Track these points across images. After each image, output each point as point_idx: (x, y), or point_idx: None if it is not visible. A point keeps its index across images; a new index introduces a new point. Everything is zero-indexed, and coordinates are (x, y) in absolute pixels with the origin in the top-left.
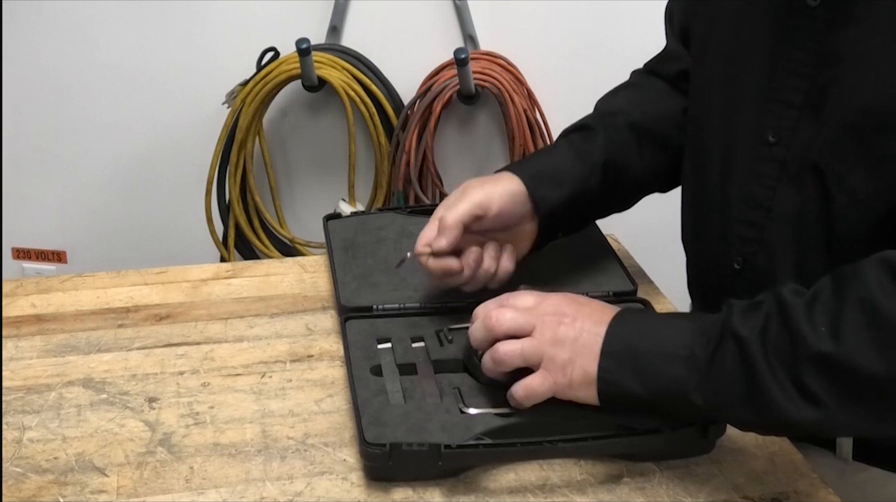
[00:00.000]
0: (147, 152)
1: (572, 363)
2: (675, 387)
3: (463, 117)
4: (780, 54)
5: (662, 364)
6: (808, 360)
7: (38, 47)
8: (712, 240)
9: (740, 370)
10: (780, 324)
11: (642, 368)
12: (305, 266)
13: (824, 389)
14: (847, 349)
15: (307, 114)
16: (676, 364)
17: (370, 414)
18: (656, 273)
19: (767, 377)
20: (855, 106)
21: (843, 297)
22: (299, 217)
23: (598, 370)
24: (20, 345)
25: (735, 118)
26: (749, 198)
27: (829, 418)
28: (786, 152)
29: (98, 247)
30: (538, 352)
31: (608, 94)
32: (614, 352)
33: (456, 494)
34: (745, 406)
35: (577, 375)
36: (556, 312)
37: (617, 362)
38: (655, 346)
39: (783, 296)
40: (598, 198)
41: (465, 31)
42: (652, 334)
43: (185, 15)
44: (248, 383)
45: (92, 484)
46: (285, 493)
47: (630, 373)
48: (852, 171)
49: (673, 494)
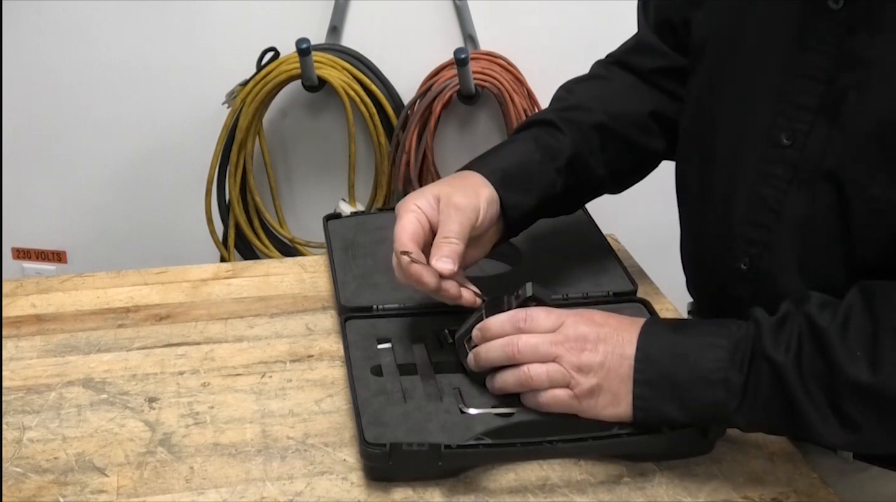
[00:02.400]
0: (147, 152)
1: (600, 388)
2: (716, 411)
3: (463, 117)
4: (797, 55)
5: (701, 390)
6: (846, 388)
7: (38, 47)
8: (715, 240)
9: (777, 395)
10: (815, 349)
11: (681, 395)
12: (305, 266)
13: (863, 416)
14: (886, 378)
15: (307, 114)
16: (715, 388)
17: (370, 414)
18: (656, 273)
19: (805, 402)
20: (879, 114)
21: (877, 319)
22: (299, 217)
23: (634, 398)
24: (20, 345)
25: (746, 117)
26: (758, 199)
27: (865, 440)
28: (798, 155)
29: (98, 247)
30: (564, 378)
31: (570, 83)
32: (649, 380)
33: (456, 494)
34: (785, 426)
35: (605, 400)
36: (577, 337)
37: (653, 390)
38: (692, 372)
39: (813, 316)
40: (559, 201)
41: (465, 31)
42: (685, 357)
43: (185, 15)
44: (248, 383)
45: (92, 484)
46: (285, 493)
47: (668, 400)
48: (875, 180)
49: (673, 494)
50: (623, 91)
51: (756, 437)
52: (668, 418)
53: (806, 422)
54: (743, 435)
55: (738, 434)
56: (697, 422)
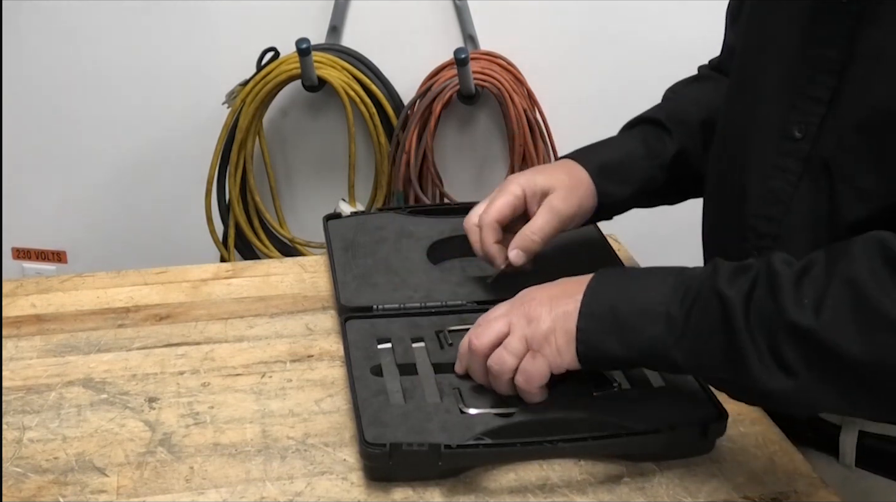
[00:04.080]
0: (147, 152)
1: (553, 331)
2: (654, 345)
3: (463, 117)
4: (809, 49)
5: (641, 321)
6: (787, 330)
7: (39, 47)
8: (730, 235)
9: (719, 330)
10: (766, 291)
11: (621, 327)
12: (305, 266)
13: (800, 361)
14: (827, 326)
15: (307, 114)
16: (655, 321)
17: (370, 414)
18: None
19: (746, 340)
20: (866, 103)
21: (831, 274)
22: (299, 217)
23: (577, 331)
24: (20, 345)
25: (758, 111)
26: (769, 192)
27: (799, 390)
28: (810, 148)
29: (98, 247)
30: (520, 339)
31: (679, 85)
32: (592, 312)
33: (456, 494)
34: (722, 366)
35: (561, 341)
36: (523, 299)
37: (595, 321)
38: (633, 304)
39: (773, 263)
40: (659, 194)
41: (465, 31)
42: (629, 290)
43: (185, 15)
44: (248, 383)
45: (92, 484)
46: (285, 493)
47: (609, 333)
48: (860, 169)
49: (673, 494)
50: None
51: (756, 437)
52: (609, 354)
53: (744, 364)
54: (743, 435)
55: (739, 434)
56: (638, 361)
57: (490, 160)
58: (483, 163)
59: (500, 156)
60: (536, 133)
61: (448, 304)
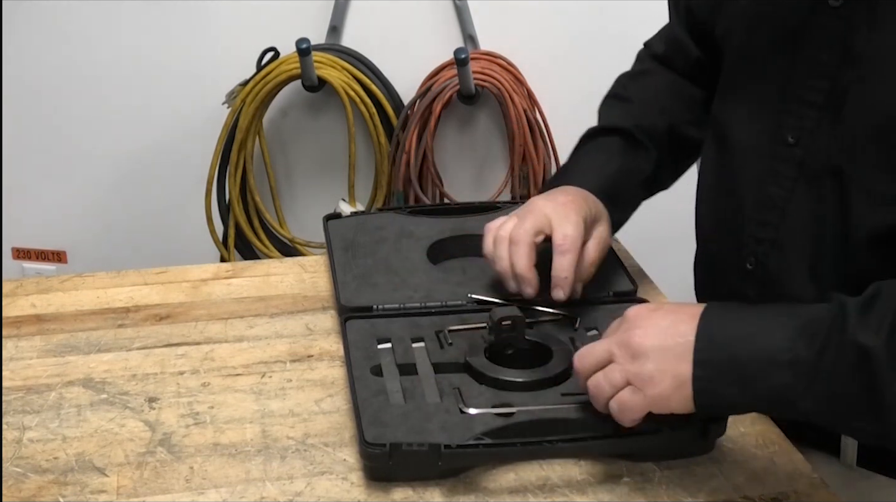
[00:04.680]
0: (147, 152)
1: (661, 373)
2: (782, 393)
3: (463, 117)
4: (802, 54)
5: (765, 370)
6: None
7: (38, 47)
8: (724, 239)
9: (858, 379)
10: None
11: (743, 376)
12: (305, 266)
13: None
14: None
15: (307, 114)
16: (781, 369)
17: (370, 414)
18: (656, 273)
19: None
20: (878, 109)
21: None
22: (299, 217)
23: (694, 380)
24: (20, 345)
25: (753, 117)
26: (765, 198)
27: None
28: (804, 153)
29: (98, 247)
30: (621, 372)
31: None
32: (710, 359)
33: (456, 494)
34: (857, 418)
35: (668, 385)
36: (629, 325)
37: (713, 370)
38: (755, 350)
39: None
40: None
41: (465, 31)
42: (747, 334)
43: (185, 15)
44: (248, 383)
45: (92, 484)
46: (285, 493)
47: (730, 383)
48: (874, 174)
49: (673, 494)
50: (681, 92)
51: (756, 437)
52: (729, 402)
53: (888, 418)
54: (743, 435)
55: (739, 434)
56: (762, 408)
57: (490, 160)
58: (483, 163)
59: (500, 156)
60: (536, 133)
61: (448, 304)
